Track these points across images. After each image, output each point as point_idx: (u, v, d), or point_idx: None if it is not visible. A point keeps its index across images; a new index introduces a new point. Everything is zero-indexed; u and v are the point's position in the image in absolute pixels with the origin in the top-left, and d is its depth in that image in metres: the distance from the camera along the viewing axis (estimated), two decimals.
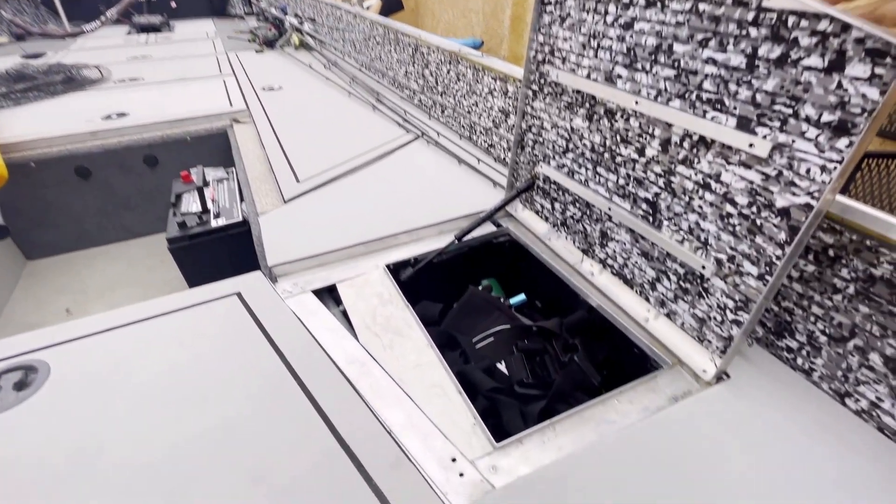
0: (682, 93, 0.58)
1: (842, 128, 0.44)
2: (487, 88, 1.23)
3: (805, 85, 0.46)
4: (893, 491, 0.50)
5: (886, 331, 0.53)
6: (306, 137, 1.45)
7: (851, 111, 0.43)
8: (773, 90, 0.49)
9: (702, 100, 0.56)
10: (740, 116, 0.52)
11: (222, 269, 1.28)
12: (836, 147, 0.44)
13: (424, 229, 0.99)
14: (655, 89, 0.62)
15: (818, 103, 0.45)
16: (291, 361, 0.66)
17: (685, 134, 0.59)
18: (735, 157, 0.54)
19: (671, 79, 0.59)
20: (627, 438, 0.56)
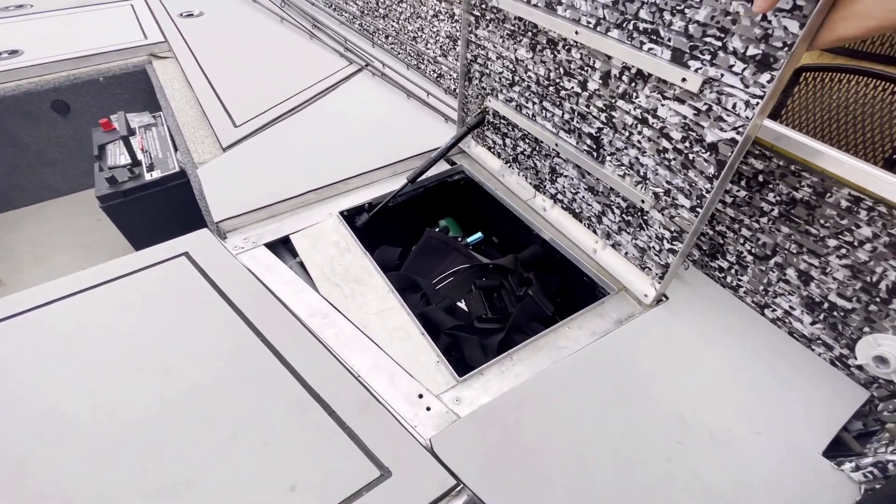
0: (619, 22, 0.57)
1: (765, 62, 0.44)
2: (432, 11, 1.15)
3: (734, 16, 0.46)
4: (795, 384, 0.59)
5: (802, 248, 0.58)
6: (238, 73, 1.32)
7: (774, 45, 0.43)
8: (704, 20, 0.48)
9: (639, 30, 0.55)
10: (674, 49, 0.52)
11: (167, 224, 1.22)
12: (759, 82, 0.46)
13: (377, 171, 0.96)
14: (595, 17, 0.59)
15: (745, 35, 0.45)
16: (252, 319, 0.66)
17: (624, 67, 0.58)
18: (670, 91, 0.54)
19: (609, 6, 0.57)
20: (576, 361, 0.61)
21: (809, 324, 0.61)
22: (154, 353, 0.62)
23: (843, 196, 0.52)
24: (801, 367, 0.61)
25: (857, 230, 0.52)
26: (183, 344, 0.63)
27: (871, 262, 0.52)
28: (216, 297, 0.69)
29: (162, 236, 0.79)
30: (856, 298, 0.55)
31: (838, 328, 0.58)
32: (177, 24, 1.61)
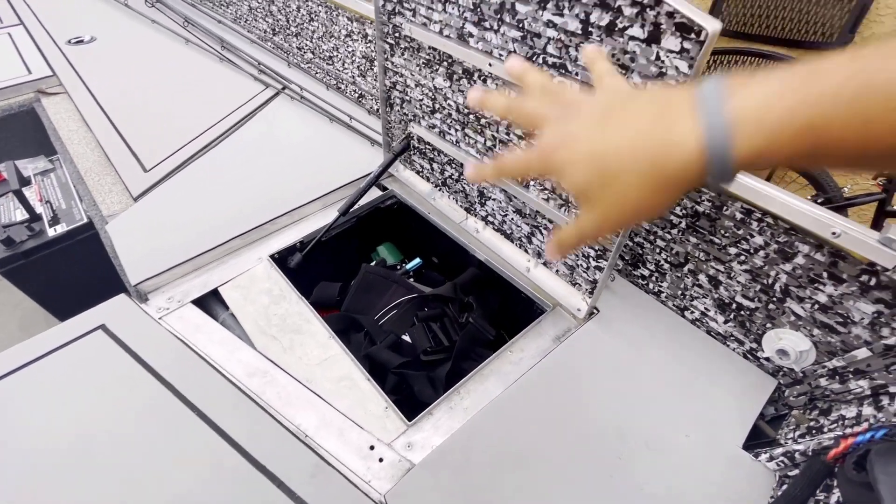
0: (529, 55, 0.58)
1: None
2: (345, 31, 1.12)
3: (632, 54, 0.48)
4: (716, 379, 0.64)
5: (709, 255, 0.63)
6: (143, 107, 1.23)
7: (668, 83, 0.46)
8: None
9: (548, 63, 0.56)
10: (582, 82, 0.54)
11: (82, 281, 1.12)
12: None
13: (306, 206, 0.93)
14: (506, 51, 0.60)
15: (643, 72, 0.48)
16: (183, 391, 0.63)
17: None
18: None
19: (518, 40, 0.58)
20: (520, 388, 0.63)
21: (723, 322, 0.66)
22: (75, 446, 0.57)
23: (736, 209, 0.57)
24: (719, 363, 0.66)
25: (751, 239, 0.57)
26: (107, 431, 0.59)
27: (765, 266, 0.58)
28: (142, 373, 0.65)
29: (79, 296, 0.72)
30: (757, 299, 0.61)
31: (746, 325, 0.64)
32: (65, 54, 1.46)
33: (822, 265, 0.53)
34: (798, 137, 0.23)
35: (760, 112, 0.24)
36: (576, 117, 0.31)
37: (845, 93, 0.22)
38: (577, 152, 0.30)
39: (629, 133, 0.28)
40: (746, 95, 0.25)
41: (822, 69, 0.23)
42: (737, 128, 0.24)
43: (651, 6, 0.44)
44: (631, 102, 0.30)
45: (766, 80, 0.25)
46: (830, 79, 0.23)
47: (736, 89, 0.25)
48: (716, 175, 0.26)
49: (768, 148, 0.24)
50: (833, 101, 0.23)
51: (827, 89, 0.23)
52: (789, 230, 0.54)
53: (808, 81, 0.23)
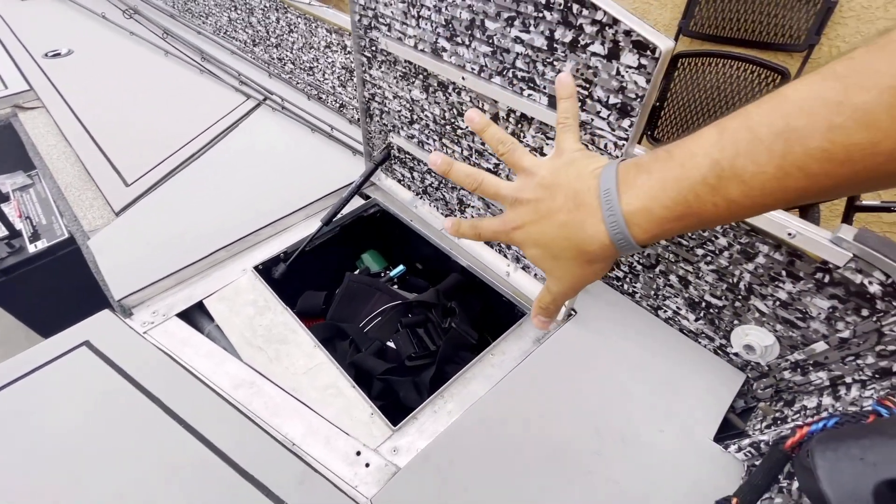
0: (500, 70, 0.60)
1: (623, 110, 0.50)
2: (324, 42, 1.13)
3: (594, 69, 0.50)
4: (688, 375, 0.67)
5: (678, 257, 0.66)
6: (123, 121, 1.23)
7: (629, 95, 0.49)
8: (570, 72, 0.53)
9: (517, 77, 0.59)
10: (550, 95, 0.56)
11: (65, 298, 1.11)
12: (622, 126, 0.51)
13: (289, 217, 0.94)
14: (478, 65, 0.63)
15: (605, 87, 0.50)
16: (170, 405, 0.63)
17: (509, 110, 0.62)
18: (552, 132, 0.59)
19: (489, 55, 0.60)
20: (501, 390, 0.65)
21: (694, 321, 0.69)
22: (62, 462, 0.57)
23: None
24: (692, 359, 0.69)
25: (716, 240, 0.60)
26: (95, 448, 0.59)
27: (730, 266, 0.61)
28: (128, 388, 0.65)
29: (62, 312, 0.72)
30: (724, 297, 0.64)
31: (715, 322, 0.67)
32: (42, 68, 1.45)
33: (781, 264, 0.56)
34: (681, 220, 0.30)
35: (647, 208, 0.31)
36: (523, 209, 0.38)
37: (709, 181, 0.28)
38: (527, 241, 0.38)
39: (556, 229, 0.36)
40: (633, 197, 0.31)
41: (690, 163, 0.29)
42: (631, 223, 0.32)
43: (609, 25, 0.47)
44: (556, 197, 0.36)
45: (648, 180, 0.31)
46: (697, 170, 0.29)
47: (626, 189, 0.32)
48: (626, 252, 0.33)
49: (660, 230, 0.31)
50: (696, 189, 0.29)
51: (695, 179, 0.29)
52: (750, 231, 0.57)
53: (680, 176, 0.29)
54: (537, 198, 0.37)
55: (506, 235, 0.40)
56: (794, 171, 0.25)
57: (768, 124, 0.26)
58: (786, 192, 0.26)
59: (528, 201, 0.37)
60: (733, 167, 0.27)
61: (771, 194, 0.27)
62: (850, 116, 0.23)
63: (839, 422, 0.40)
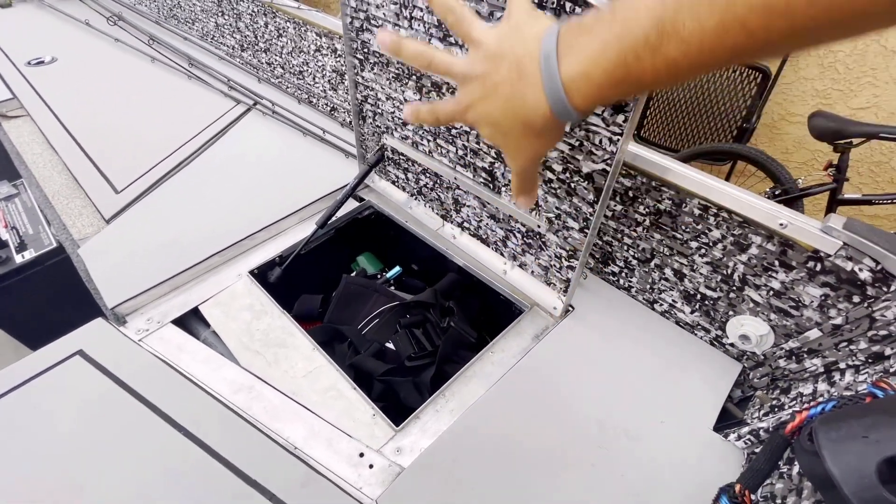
0: None
1: (617, 106, 0.51)
2: (314, 46, 1.13)
3: None
4: (686, 366, 0.68)
5: (672, 250, 0.67)
6: (111, 128, 1.21)
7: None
8: None
9: None
10: None
11: (55, 308, 1.09)
12: (616, 122, 0.52)
13: (284, 220, 0.94)
14: None
15: None
16: (169, 412, 0.62)
17: None
18: None
19: None
20: (503, 387, 0.66)
21: (690, 313, 0.70)
22: (61, 474, 0.56)
23: (694, 205, 0.61)
24: (689, 351, 0.70)
25: (709, 233, 0.61)
26: (95, 457, 0.58)
27: (724, 258, 0.62)
28: (125, 396, 0.64)
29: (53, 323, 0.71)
30: (719, 289, 0.65)
31: (711, 314, 0.68)
32: (25, 76, 1.43)
33: (774, 254, 0.57)
34: (620, 85, 0.30)
35: (586, 73, 0.30)
36: (472, 86, 0.37)
37: (650, 40, 0.27)
38: (479, 120, 0.38)
39: (502, 104, 0.35)
40: (573, 61, 0.31)
41: (632, 20, 0.28)
42: (570, 90, 0.31)
43: None
44: (500, 69, 0.35)
45: (589, 42, 0.30)
46: (639, 28, 0.28)
47: (567, 52, 0.31)
48: (568, 120, 0.33)
49: (599, 96, 0.31)
50: (637, 50, 0.28)
51: (637, 38, 0.28)
52: (742, 223, 0.58)
53: (622, 34, 0.29)
54: (484, 72, 0.35)
55: (461, 116, 0.38)
56: (735, 25, 0.25)
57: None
58: (724, 51, 0.26)
59: (476, 77, 0.36)
60: (674, 23, 0.26)
61: (710, 52, 0.26)
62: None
63: (837, 405, 0.41)
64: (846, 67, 1.81)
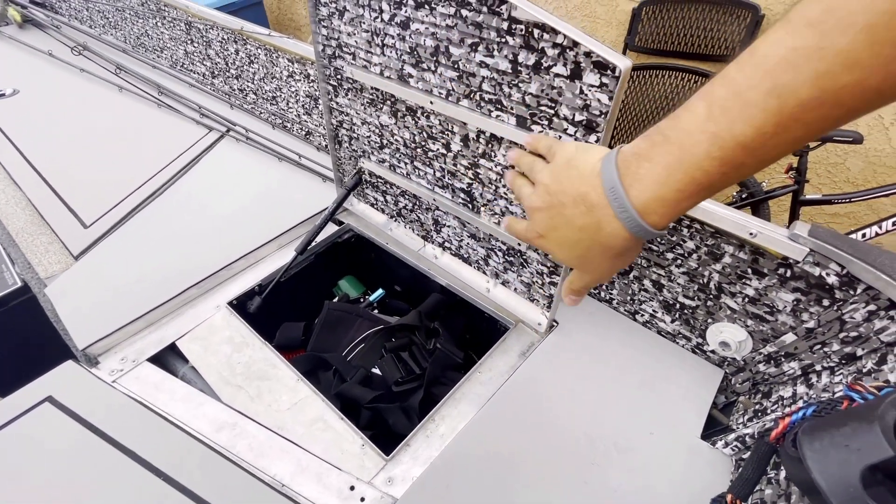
0: (467, 93, 0.62)
1: (589, 126, 0.52)
2: (287, 72, 1.13)
3: (558, 89, 0.53)
4: (670, 375, 0.69)
5: (650, 262, 0.68)
6: (78, 161, 1.18)
7: (593, 112, 0.51)
8: (536, 93, 0.55)
9: (484, 100, 0.60)
10: (517, 116, 0.58)
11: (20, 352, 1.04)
12: (589, 141, 0.53)
13: (262, 248, 0.92)
14: (445, 89, 0.64)
15: (570, 105, 0.53)
16: (146, 457, 0.60)
17: (479, 131, 0.64)
18: None
19: (455, 80, 0.62)
20: (492, 408, 0.65)
21: (670, 322, 0.72)
22: None
23: None
24: (671, 360, 0.71)
25: (684, 244, 0.63)
26: None
27: (699, 268, 0.64)
28: (98, 443, 0.61)
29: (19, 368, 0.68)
30: (697, 297, 0.66)
31: (691, 322, 0.69)
32: None
33: (746, 262, 0.59)
34: (694, 196, 0.31)
35: (659, 197, 0.32)
36: (538, 217, 0.40)
37: (713, 154, 0.29)
38: (552, 248, 0.41)
39: (576, 233, 0.37)
40: (641, 190, 0.32)
41: (688, 142, 0.30)
42: (645, 214, 0.33)
43: (570, 47, 0.49)
44: (566, 204, 0.37)
45: (651, 168, 0.32)
46: (698, 148, 0.29)
47: (632, 182, 0.33)
48: (651, 238, 0.35)
49: (676, 210, 0.32)
50: (703, 165, 0.30)
51: (699, 157, 0.30)
52: (715, 233, 0.60)
53: (683, 158, 0.30)
54: (548, 205, 0.38)
55: (534, 241, 0.42)
56: (792, 123, 0.26)
57: (755, 86, 0.27)
58: (787, 144, 0.28)
59: (540, 209, 0.39)
60: (733, 135, 0.28)
61: (774, 148, 0.28)
62: (834, 61, 0.24)
63: (816, 410, 0.42)
64: None
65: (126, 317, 0.77)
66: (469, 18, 0.56)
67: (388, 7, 0.64)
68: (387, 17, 0.65)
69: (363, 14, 0.67)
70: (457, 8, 0.56)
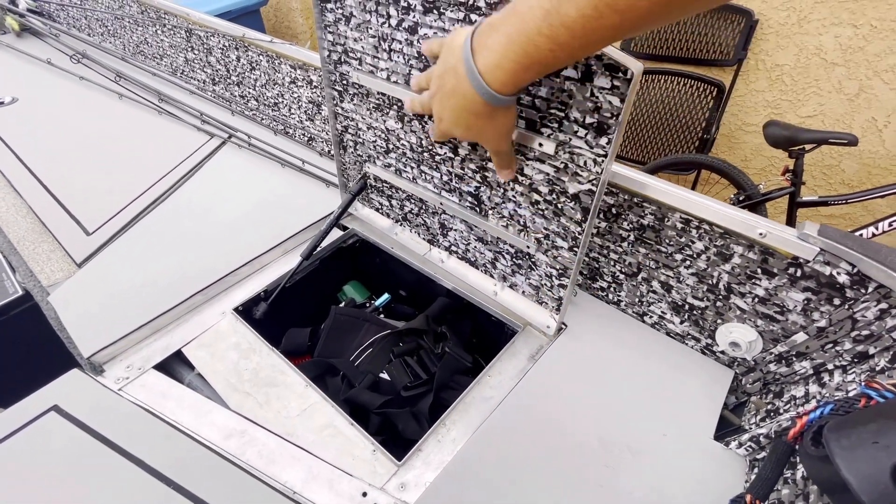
0: None
1: (600, 129, 0.52)
2: (289, 78, 1.13)
3: (569, 92, 0.53)
4: (681, 377, 0.69)
5: (658, 263, 0.69)
6: (80, 168, 1.17)
7: (605, 115, 0.51)
8: (546, 96, 0.55)
9: None
10: (527, 119, 0.58)
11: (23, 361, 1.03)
12: (599, 144, 0.53)
13: (267, 254, 0.92)
14: None
15: (580, 108, 0.53)
16: (155, 465, 0.59)
17: None
18: (531, 153, 0.61)
19: None
20: (503, 411, 0.65)
21: (679, 323, 0.72)
22: None
23: (676, 219, 0.63)
24: (681, 361, 0.71)
25: (692, 245, 0.63)
26: None
27: (708, 268, 0.64)
28: (106, 451, 0.60)
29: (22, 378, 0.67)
30: (706, 298, 0.66)
31: (700, 323, 0.69)
32: None
33: (756, 262, 0.59)
34: (529, 69, 0.37)
35: (498, 64, 0.38)
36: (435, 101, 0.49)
37: (543, 30, 0.34)
38: (449, 126, 0.48)
39: (453, 102, 0.45)
40: (486, 57, 0.38)
41: (528, 15, 0.35)
42: (489, 80, 0.39)
43: None
44: (446, 79, 0.44)
45: (497, 38, 0.37)
46: (533, 21, 0.35)
47: (480, 50, 0.39)
48: (499, 103, 0.42)
49: (516, 80, 0.39)
50: (535, 40, 0.35)
51: (532, 30, 0.35)
52: (724, 234, 0.60)
53: (521, 29, 0.35)
54: (437, 87, 0.45)
55: (437, 129, 0.50)
56: (606, 10, 0.31)
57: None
58: (604, 30, 0.33)
59: (433, 94, 0.46)
60: (559, 14, 0.33)
61: (593, 33, 0.33)
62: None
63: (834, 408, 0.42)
64: (792, 79, 1.94)
65: (131, 324, 0.77)
66: None
67: (395, 12, 0.64)
68: (394, 22, 0.65)
69: (370, 19, 0.68)
70: (466, 12, 0.56)
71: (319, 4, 0.73)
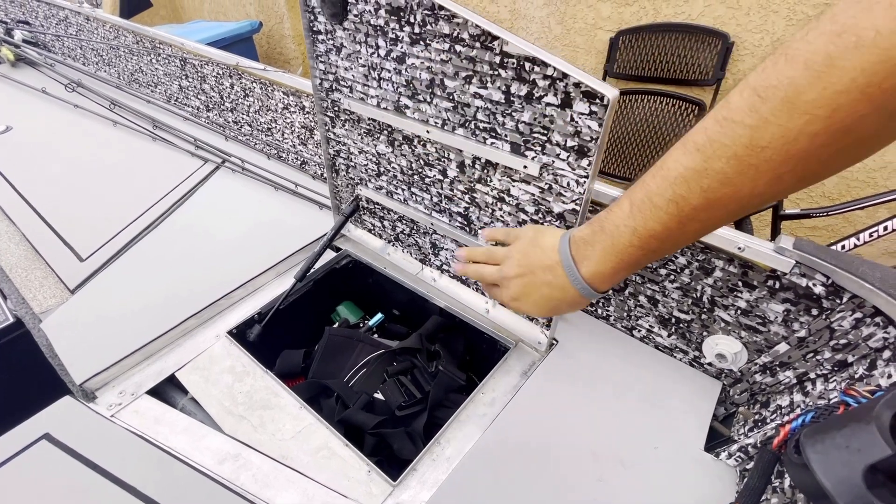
0: (462, 122, 0.65)
1: (581, 151, 0.55)
2: (282, 104, 1.16)
3: (550, 117, 0.56)
4: (670, 389, 0.70)
5: (644, 278, 0.70)
6: (73, 195, 1.18)
7: (584, 138, 0.54)
8: (529, 121, 0.58)
9: (479, 128, 0.63)
10: (512, 143, 0.61)
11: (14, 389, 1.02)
12: (581, 165, 0.56)
13: (260, 276, 0.93)
14: (440, 119, 0.67)
15: (561, 132, 0.55)
16: (148, 493, 0.58)
17: (474, 158, 0.66)
18: (516, 175, 0.63)
19: (450, 110, 0.65)
20: (497, 429, 0.66)
21: (667, 336, 0.73)
22: None
23: None
24: (670, 374, 0.72)
25: (676, 260, 0.65)
26: None
27: (692, 282, 0.66)
28: (98, 480, 0.60)
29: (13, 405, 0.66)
30: (691, 311, 0.68)
31: (687, 336, 0.71)
32: None
33: (736, 276, 0.61)
34: (624, 271, 0.43)
35: (599, 272, 0.43)
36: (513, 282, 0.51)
37: (633, 243, 0.40)
38: (527, 307, 0.51)
39: (546, 291, 0.48)
40: (587, 267, 0.44)
41: (616, 234, 0.41)
42: (591, 283, 0.44)
43: (559, 79, 0.52)
44: (535, 273, 0.49)
45: (593, 252, 0.43)
46: (623, 238, 0.40)
47: (581, 261, 0.44)
48: (595, 298, 0.47)
49: (612, 280, 0.44)
50: (627, 251, 0.40)
51: (624, 245, 0.40)
52: (704, 249, 0.62)
53: (613, 246, 0.41)
54: (521, 274, 0.50)
55: (506, 303, 0.53)
56: (689, 221, 0.36)
57: (661, 194, 0.36)
58: (689, 234, 0.37)
59: (515, 277, 0.50)
60: (647, 229, 0.38)
61: (680, 237, 0.38)
62: (714, 178, 0.33)
63: (815, 416, 0.44)
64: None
65: (124, 349, 0.77)
66: (463, 53, 0.59)
67: (384, 43, 0.67)
68: (383, 52, 0.68)
69: (360, 50, 0.70)
70: (451, 44, 0.59)
71: (311, 35, 0.76)
